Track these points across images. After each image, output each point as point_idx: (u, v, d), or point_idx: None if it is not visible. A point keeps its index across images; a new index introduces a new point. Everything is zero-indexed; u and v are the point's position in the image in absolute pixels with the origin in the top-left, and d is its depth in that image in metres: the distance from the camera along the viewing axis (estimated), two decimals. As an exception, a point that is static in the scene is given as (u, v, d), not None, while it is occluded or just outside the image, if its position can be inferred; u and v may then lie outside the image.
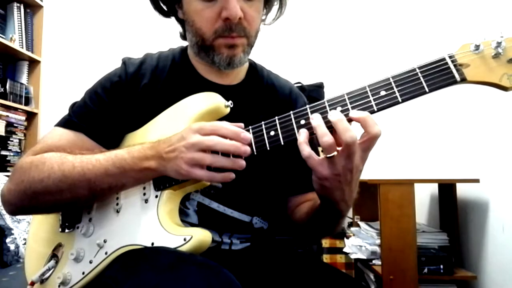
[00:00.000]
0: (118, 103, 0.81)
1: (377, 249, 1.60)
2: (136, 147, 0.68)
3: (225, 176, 0.64)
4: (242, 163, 0.63)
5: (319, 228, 0.80)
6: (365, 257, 1.68)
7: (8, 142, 2.31)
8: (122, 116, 0.81)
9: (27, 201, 0.71)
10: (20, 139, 2.39)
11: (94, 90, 0.83)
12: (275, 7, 0.87)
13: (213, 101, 0.73)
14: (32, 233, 0.85)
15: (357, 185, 0.66)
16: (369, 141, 0.59)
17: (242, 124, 0.66)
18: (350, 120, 0.59)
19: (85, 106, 0.81)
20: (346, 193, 0.64)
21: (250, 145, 0.64)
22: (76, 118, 0.79)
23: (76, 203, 0.72)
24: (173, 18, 0.87)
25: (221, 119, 0.74)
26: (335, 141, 0.58)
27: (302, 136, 0.61)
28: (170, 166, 0.64)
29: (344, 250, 1.89)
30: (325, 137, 0.58)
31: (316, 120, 0.60)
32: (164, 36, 1.51)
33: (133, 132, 0.81)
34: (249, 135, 0.64)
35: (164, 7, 0.85)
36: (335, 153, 0.58)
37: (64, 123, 0.80)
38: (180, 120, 0.74)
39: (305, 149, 0.60)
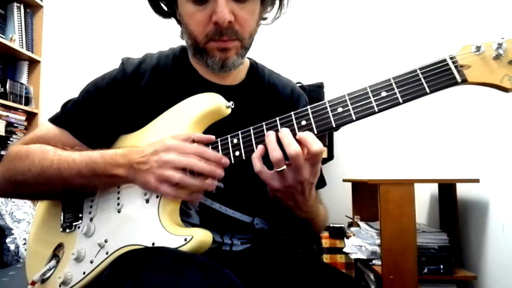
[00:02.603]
0: (112, 103, 0.81)
1: (377, 249, 1.61)
2: (110, 152, 0.71)
3: (192, 198, 0.67)
4: (213, 185, 0.66)
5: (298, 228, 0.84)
6: (365, 257, 1.68)
7: (8, 142, 2.31)
8: (116, 116, 0.81)
9: (10, 188, 0.77)
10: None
11: (87, 89, 0.84)
12: (275, 6, 0.85)
13: (214, 101, 0.73)
14: (33, 233, 0.85)
15: (312, 196, 0.69)
16: (313, 157, 0.62)
17: (213, 137, 0.69)
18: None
19: (76, 104, 0.83)
20: (300, 202, 0.68)
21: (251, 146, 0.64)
22: (64, 116, 0.83)
23: (53, 196, 0.79)
24: (172, 19, 0.87)
25: (222, 119, 0.74)
26: (283, 156, 0.61)
27: (257, 152, 0.64)
28: (139, 177, 0.67)
29: (344, 250, 1.89)
30: (274, 152, 0.62)
31: (269, 136, 0.64)
32: (164, 36, 1.51)
33: (131, 133, 0.81)
34: (228, 161, 0.67)
35: (165, 8, 0.85)
36: (284, 167, 0.62)
37: (54, 119, 0.83)
38: (181, 121, 0.74)
39: (257, 164, 0.64)
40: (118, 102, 0.81)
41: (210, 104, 0.73)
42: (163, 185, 0.65)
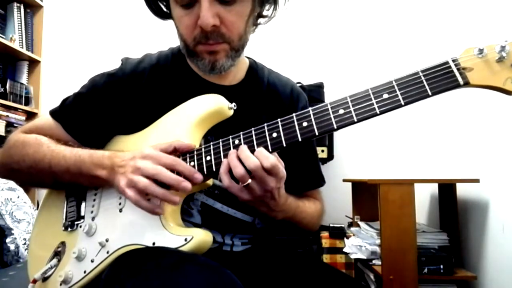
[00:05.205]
0: (108, 102, 0.82)
1: (377, 249, 1.61)
2: (99, 153, 0.73)
3: (150, 207, 0.65)
4: (175, 199, 0.65)
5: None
6: (365, 257, 1.68)
7: (8, 142, 2.31)
8: (111, 115, 0.82)
9: (6, 172, 0.83)
10: (20, 139, 2.38)
11: (85, 86, 0.85)
12: (271, 5, 0.83)
13: (217, 102, 0.73)
14: (35, 232, 0.85)
15: (282, 196, 0.71)
16: (270, 170, 0.63)
17: (194, 145, 0.70)
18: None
19: (73, 100, 0.85)
20: (272, 205, 0.70)
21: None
22: (60, 110, 0.85)
23: (45, 185, 0.85)
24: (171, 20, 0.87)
25: (224, 120, 0.74)
26: (246, 172, 0.63)
27: (223, 167, 0.65)
28: (115, 179, 0.68)
29: (344, 250, 1.89)
30: (237, 168, 0.63)
31: (230, 155, 0.65)
32: (164, 37, 1.51)
33: (131, 134, 0.81)
34: (201, 177, 0.67)
35: (164, 8, 0.85)
36: (249, 181, 0.63)
37: (52, 112, 0.85)
38: (183, 123, 0.74)
39: (225, 180, 0.65)
40: (115, 101, 0.81)
41: (212, 106, 0.73)
42: (129, 189, 0.65)
